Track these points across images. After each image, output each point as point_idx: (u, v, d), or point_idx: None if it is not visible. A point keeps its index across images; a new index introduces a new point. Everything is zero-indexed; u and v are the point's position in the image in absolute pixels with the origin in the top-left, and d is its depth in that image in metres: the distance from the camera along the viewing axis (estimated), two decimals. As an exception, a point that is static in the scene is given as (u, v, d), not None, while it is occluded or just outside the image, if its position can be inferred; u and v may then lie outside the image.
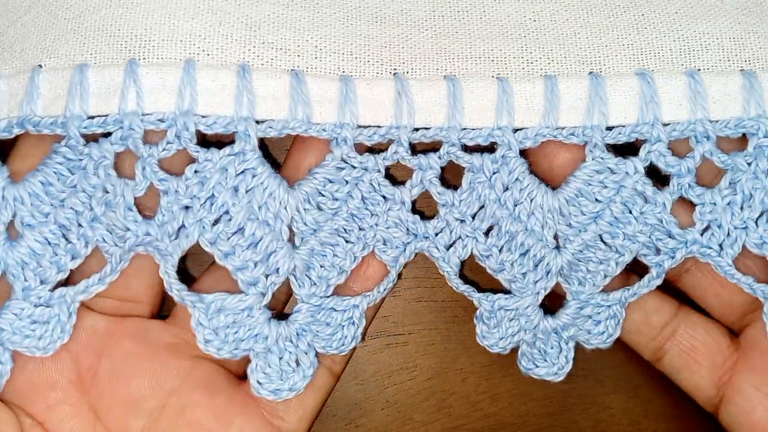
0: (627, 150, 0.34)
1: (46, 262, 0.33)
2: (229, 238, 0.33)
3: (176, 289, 0.33)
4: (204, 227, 0.33)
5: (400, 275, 0.35)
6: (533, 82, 0.33)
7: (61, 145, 0.32)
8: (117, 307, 0.35)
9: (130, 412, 0.34)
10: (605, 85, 0.33)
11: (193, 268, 0.37)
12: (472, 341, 0.40)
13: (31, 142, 0.33)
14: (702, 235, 0.34)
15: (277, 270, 0.33)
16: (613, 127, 0.34)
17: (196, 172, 0.32)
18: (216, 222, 0.33)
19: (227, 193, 0.32)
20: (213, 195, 0.32)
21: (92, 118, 0.32)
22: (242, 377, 0.35)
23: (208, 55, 0.33)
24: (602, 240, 0.34)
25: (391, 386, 0.40)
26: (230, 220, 0.33)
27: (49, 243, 0.33)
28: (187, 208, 0.33)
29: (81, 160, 0.32)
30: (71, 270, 0.33)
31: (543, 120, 0.33)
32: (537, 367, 0.35)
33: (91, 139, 0.33)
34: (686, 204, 0.35)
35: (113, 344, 0.34)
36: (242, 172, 0.33)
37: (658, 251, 0.34)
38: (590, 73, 0.34)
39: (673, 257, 0.34)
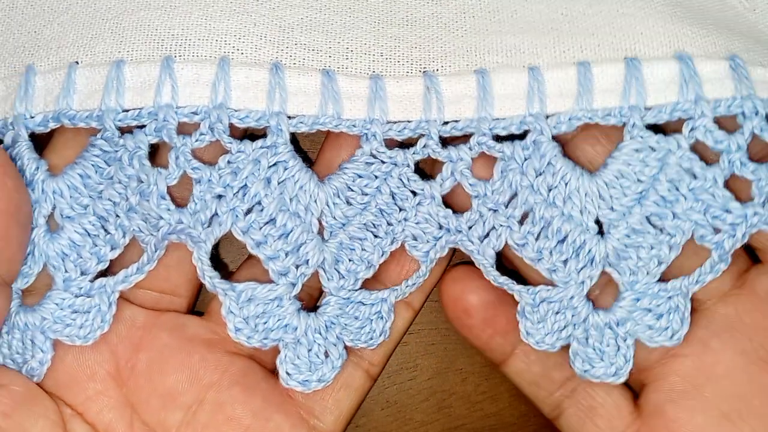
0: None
1: (86, 253, 0.33)
2: (261, 228, 0.33)
3: (209, 276, 0.33)
4: (237, 216, 0.33)
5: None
6: (565, 69, 0.33)
7: (98, 138, 0.33)
8: (156, 300, 0.35)
9: (167, 406, 0.34)
10: (641, 67, 0.33)
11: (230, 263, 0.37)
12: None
13: (67, 136, 0.34)
14: (764, 207, 0.33)
15: (307, 261, 0.33)
16: (652, 108, 0.33)
17: (229, 162, 0.33)
18: (248, 212, 0.33)
19: (260, 184, 0.33)
20: (246, 185, 0.33)
21: (127, 111, 0.33)
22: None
23: (242, 53, 0.34)
24: (650, 222, 0.33)
25: (391, 386, 0.39)
26: (262, 210, 0.33)
27: (89, 234, 0.33)
28: (219, 197, 0.33)
29: (117, 152, 0.33)
30: (111, 260, 0.34)
31: (577, 103, 0.33)
32: (593, 367, 0.34)
33: (126, 132, 0.33)
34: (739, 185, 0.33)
35: (151, 338, 0.34)
36: (274, 164, 0.33)
37: (716, 231, 0.33)
38: (625, 58, 0.33)
39: (733, 235, 0.33)
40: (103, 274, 0.34)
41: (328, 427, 0.35)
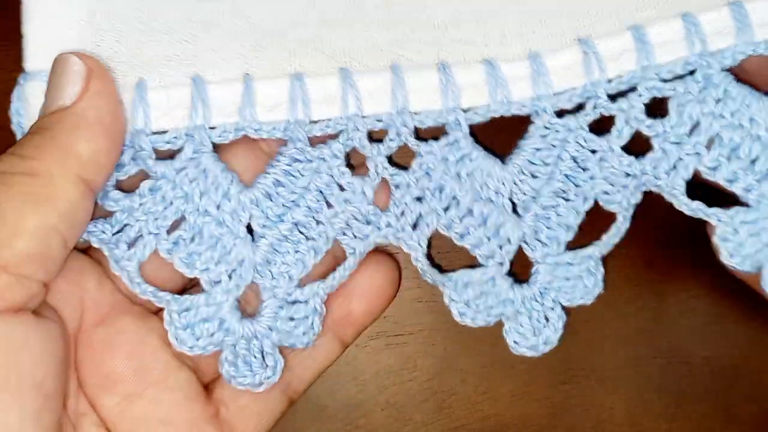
0: None
1: (290, 258, 0.35)
2: (461, 220, 0.35)
3: (429, 274, 0.36)
4: (439, 215, 0.35)
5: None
6: (718, 10, 0.34)
7: (289, 148, 0.35)
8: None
9: (105, 388, 0.34)
10: None
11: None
12: (472, 341, 0.41)
13: (242, 146, 0.36)
14: None
15: (509, 240, 0.36)
16: None
17: (420, 165, 0.35)
18: (447, 209, 0.35)
19: (453, 182, 0.35)
20: (441, 185, 0.35)
21: (315, 122, 0.35)
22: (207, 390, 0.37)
23: (409, 60, 0.35)
24: None
25: (391, 386, 0.40)
26: (459, 204, 0.35)
27: (289, 240, 0.35)
28: (418, 199, 0.35)
29: (311, 161, 0.35)
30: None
31: (737, 37, 0.34)
32: None
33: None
34: None
35: (115, 317, 0.35)
36: (460, 158, 0.35)
37: None
38: None
39: None
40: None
41: None
